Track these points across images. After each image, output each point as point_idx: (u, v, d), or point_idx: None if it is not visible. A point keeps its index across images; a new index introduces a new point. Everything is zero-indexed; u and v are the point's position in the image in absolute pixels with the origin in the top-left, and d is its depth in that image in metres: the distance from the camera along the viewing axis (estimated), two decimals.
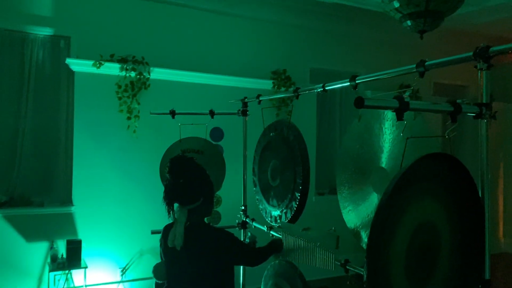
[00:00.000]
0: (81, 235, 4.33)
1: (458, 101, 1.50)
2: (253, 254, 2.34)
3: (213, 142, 4.78)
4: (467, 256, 1.59)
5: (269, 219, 3.06)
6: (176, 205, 2.02)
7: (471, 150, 6.27)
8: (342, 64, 5.96)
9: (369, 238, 1.22)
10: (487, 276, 1.61)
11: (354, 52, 6.18)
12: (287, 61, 5.62)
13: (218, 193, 4.96)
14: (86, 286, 4.14)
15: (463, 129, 6.41)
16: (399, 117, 1.31)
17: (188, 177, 1.97)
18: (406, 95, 1.26)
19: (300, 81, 5.31)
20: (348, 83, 2.35)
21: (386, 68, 2.01)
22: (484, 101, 1.63)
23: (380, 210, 1.22)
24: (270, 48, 5.64)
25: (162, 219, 2.18)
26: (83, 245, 4.17)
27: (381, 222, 1.23)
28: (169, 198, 1.95)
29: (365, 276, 1.22)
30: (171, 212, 1.98)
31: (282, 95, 3.96)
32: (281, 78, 5.38)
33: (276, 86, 5.33)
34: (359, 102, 1.22)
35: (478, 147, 1.63)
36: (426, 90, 6.70)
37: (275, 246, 2.41)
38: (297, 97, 2.91)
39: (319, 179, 5.86)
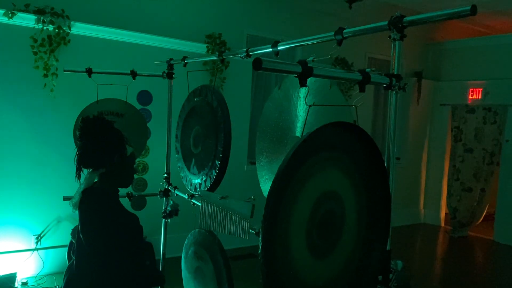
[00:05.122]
0: None
1: (367, 70, 1.46)
2: (133, 259, 1.75)
3: (141, 106, 4.56)
4: (373, 228, 1.59)
5: (190, 187, 2.98)
6: None
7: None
8: (281, 33, 5.82)
9: (266, 207, 1.15)
10: (388, 247, 1.65)
11: (293, 21, 6.08)
12: (223, 25, 5.41)
13: (145, 159, 4.79)
14: None
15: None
16: (302, 83, 1.24)
17: (94, 140, 1.80)
18: (309, 59, 1.19)
19: (236, 47, 5.11)
20: (271, 49, 2.27)
21: None
22: (395, 72, 1.62)
23: (277, 179, 1.15)
24: (205, 9, 5.39)
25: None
26: None
27: (277, 192, 1.16)
28: (76, 159, 1.80)
29: (260, 246, 1.16)
30: (79, 173, 1.83)
31: (207, 58, 3.84)
32: (215, 43, 5.18)
33: (210, 51, 5.13)
34: (257, 64, 1.12)
35: (387, 119, 1.62)
36: (361, 64, 6.79)
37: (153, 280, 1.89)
38: (222, 61, 2.83)
39: (252, 148, 5.82)
